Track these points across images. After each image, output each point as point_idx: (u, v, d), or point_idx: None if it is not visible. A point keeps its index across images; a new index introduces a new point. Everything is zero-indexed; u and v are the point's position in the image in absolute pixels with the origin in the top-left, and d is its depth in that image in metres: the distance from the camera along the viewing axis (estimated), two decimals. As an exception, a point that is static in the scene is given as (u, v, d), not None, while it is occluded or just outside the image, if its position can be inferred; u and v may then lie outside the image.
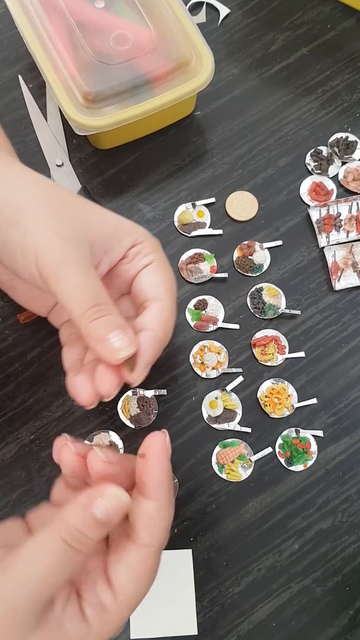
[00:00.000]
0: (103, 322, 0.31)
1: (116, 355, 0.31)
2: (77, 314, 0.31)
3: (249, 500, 0.44)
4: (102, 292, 0.32)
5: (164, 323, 0.34)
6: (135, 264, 0.35)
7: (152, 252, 0.35)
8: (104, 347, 0.31)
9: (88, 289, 0.31)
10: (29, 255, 0.32)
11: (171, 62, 0.45)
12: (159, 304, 0.34)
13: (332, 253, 0.49)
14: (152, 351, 0.33)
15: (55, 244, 0.31)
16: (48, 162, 0.50)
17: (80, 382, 0.34)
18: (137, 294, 0.36)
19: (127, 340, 0.31)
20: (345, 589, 0.43)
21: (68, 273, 0.31)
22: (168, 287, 0.35)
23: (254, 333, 0.47)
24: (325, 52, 0.55)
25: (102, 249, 0.34)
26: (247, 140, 0.52)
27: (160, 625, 0.41)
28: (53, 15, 0.45)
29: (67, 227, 0.32)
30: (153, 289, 0.35)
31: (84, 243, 0.32)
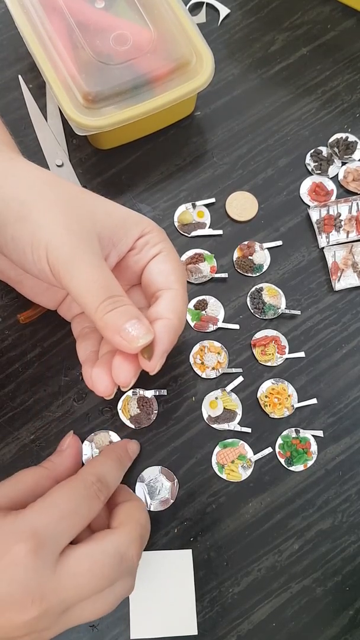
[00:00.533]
0: (118, 313, 0.31)
1: (135, 343, 0.31)
2: (91, 307, 0.31)
3: (249, 501, 0.44)
4: (115, 283, 0.32)
5: (178, 311, 0.34)
6: (144, 254, 0.36)
7: (160, 242, 0.36)
8: (122, 337, 0.31)
9: (100, 282, 0.32)
10: (39, 250, 0.32)
11: (171, 62, 0.45)
12: (172, 293, 0.35)
13: (332, 253, 0.49)
14: (168, 339, 0.33)
15: (65, 238, 0.31)
16: (48, 162, 0.50)
17: (98, 374, 0.34)
18: (148, 285, 0.36)
19: (144, 329, 0.32)
20: (345, 589, 0.43)
21: (80, 267, 0.31)
22: (179, 276, 0.35)
23: (254, 333, 0.47)
24: (325, 52, 0.55)
25: (111, 241, 0.34)
26: (247, 140, 0.52)
27: (160, 625, 0.41)
28: (53, 15, 0.45)
29: (76, 221, 0.32)
30: (164, 278, 0.35)
31: (93, 236, 0.33)
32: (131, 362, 0.33)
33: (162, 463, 0.44)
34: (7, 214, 0.32)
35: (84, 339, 0.38)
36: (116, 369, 0.33)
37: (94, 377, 0.35)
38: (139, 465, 0.44)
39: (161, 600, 0.41)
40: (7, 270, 0.40)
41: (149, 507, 0.43)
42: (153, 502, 0.43)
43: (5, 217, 0.32)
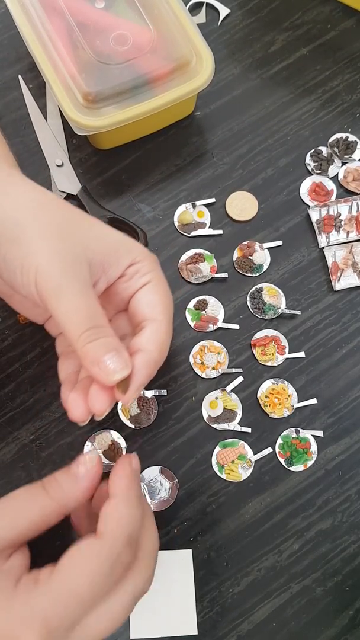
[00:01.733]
0: (99, 345, 0.31)
1: (111, 377, 0.32)
2: (73, 335, 0.32)
3: (249, 501, 0.44)
4: (99, 314, 0.32)
5: (159, 344, 0.34)
6: (133, 283, 0.35)
7: (150, 272, 0.35)
8: (99, 369, 0.32)
9: (85, 311, 0.32)
10: (29, 274, 0.32)
11: (171, 62, 0.45)
12: (156, 325, 0.35)
13: (332, 253, 0.49)
14: (146, 373, 0.33)
15: (55, 265, 0.32)
16: (48, 162, 0.50)
17: (74, 399, 0.34)
18: (134, 314, 0.36)
19: (122, 363, 0.32)
20: (345, 589, 0.43)
21: (66, 295, 0.31)
22: (165, 308, 0.35)
23: (254, 333, 0.47)
24: (325, 52, 0.55)
25: (101, 267, 0.34)
26: (247, 140, 0.52)
27: (160, 625, 0.41)
28: (53, 15, 0.45)
29: (67, 246, 0.32)
30: (150, 309, 0.35)
31: (83, 262, 0.33)
32: (107, 392, 0.33)
33: (162, 463, 0.44)
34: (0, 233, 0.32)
35: (66, 357, 0.38)
36: (92, 398, 0.33)
37: (70, 402, 0.34)
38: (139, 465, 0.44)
39: (161, 600, 0.41)
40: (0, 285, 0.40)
41: None
42: (153, 502, 0.43)
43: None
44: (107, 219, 0.48)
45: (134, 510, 0.32)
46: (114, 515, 0.31)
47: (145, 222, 0.49)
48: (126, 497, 0.32)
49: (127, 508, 0.32)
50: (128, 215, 0.49)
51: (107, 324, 0.33)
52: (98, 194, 0.50)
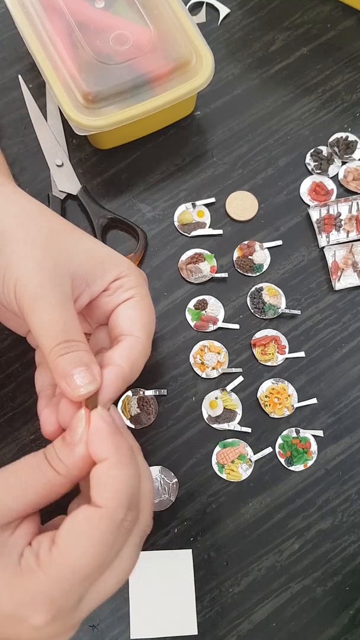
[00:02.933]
0: (69, 359, 0.31)
1: (77, 392, 0.31)
2: (46, 348, 0.31)
3: (249, 500, 0.44)
4: (74, 327, 0.32)
5: (132, 360, 0.34)
6: (116, 297, 0.35)
7: (134, 287, 0.35)
8: (67, 384, 0.31)
9: (60, 324, 0.31)
10: (9, 284, 0.32)
11: (171, 62, 0.45)
12: (131, 341, 0.34)
13: (332, 253, 0.49)
14: (114, 388, 0.33)
15: (35, 276, 0.31)
16: (48, 162, 0.50)
17: (46, 415, 0.34)
18: (113, 327, 0.35)
19: (89, 378, 0.31)
20: (345, 589, 0.43)
21: (43, 306, 0.31)
22: (145, 324, 0.35)
23: (254, 333, 0.47)
24: (325, 52, 0.55)
25: (85, 281, 0.34)
26: (247, 140, 0.52)
27: (160, 625, 0.41)
28: (53, 15, 0.45)
29: (51, 259, 0.32)
30: (129, 324, 0.35)
31: (65, 275, 0.32)
32: (76, 407, 0.32)
33: (162, 463, 0.44)
34: None
35: (43, 368, 0.38)
36: (61, 412, 0.33)
37: (43, 418, 0.34)
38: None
39: (161, 600, 0.41)
40: None
41: None
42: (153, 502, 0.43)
43: None
44: (107, 219, 0.48)
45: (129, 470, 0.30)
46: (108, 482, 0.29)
47: (145, 222, 0.49)
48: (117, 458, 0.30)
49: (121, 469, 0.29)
50: (128, 215, 0.49)
51: (82, 338, 0.32)
52: (98, 194, 0.50)
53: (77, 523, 0.29)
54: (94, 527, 0.28)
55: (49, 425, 0.34)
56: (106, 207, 0.49)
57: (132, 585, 0.42)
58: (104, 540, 0.28)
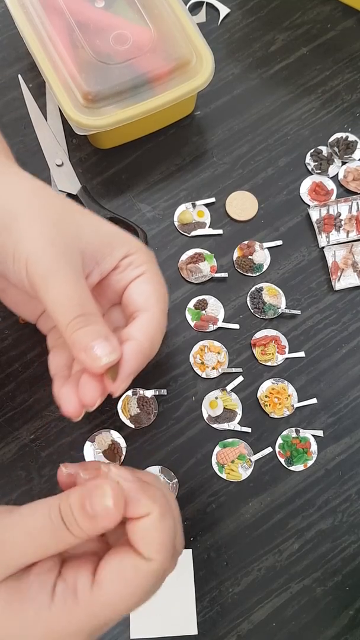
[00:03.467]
0: (87, 331, 0.31)
1: (98, 362, 0.31)
2: (62, 323, 0.31)
3: (249, 500, 0.44)
4: (89, 301, 0.32)
5: (150, 334, 0.34)
6: (127, 274, 0.35)
7: (144, 264, 0.35)
8: (87, 356, 0.31)
9: (74, 299, 0.31)
10: (20, 262, 0.32)
11: (171, 62, 0.45)
12: (148, 315, 0.34)
13: (332, 253, 0.49)
14: (135, 361, 0.32)
15: (46, 252, 0.31)
16: (48, 162, 0.50)
17: (66, 394, 0.34)
18: (127, 305, 0.35)
19: (109, 348, 0.31)
20: (345, 589, 0.43)
21: (56, 282, 0.31)
22: (159, 299, 0.35)
23: (254, 333, 0.47)
24: (325, 52, 0.55)
25: (94, 259, 0.34)
26: (247, 140, 0.52)
27: (160, 625, 0.41)
28: (53, 15, 0.45)
29: (60, 235, 0.32)
30: (143, 299, 0.35)
31: (76, 252, 0.32)
32: (98, 381, 0.32)
33: (162, 463, 0.44)
34: None
35: (57, 350, 0.38)
36: (82, 388, 0.32)
37: (62, 397, 0.34)
38: (139, 465, 0.44)
39: (161, 600, 0.41)
40: None
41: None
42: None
43: None
44: (107, 219, 0.48)
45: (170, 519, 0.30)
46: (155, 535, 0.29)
47: (145, 222, 0.49)
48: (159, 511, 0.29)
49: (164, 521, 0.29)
50: (128, 215, 0.49)
51: (97, 311, 0.32)
52: (98, 194, 0.50)
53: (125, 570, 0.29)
54: (141, 577, 0.28)
55: (70, 403, 0.33)
56: (106, 206, 0.49)
57: (132, 585, 0.42)
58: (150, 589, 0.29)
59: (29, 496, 0.43)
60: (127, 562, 0.29)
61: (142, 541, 0.29)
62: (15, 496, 0.43)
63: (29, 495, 0.43)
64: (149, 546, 0.29)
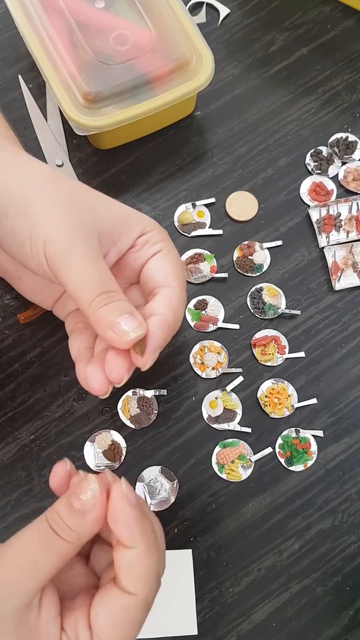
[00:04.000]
0: (111, 308, 0.31)
1: (126, 337, 0.31)
2: (85, 302, 0.31)
3: (249, 500, 0.44)
4: (110, 279, 0.32)
5: (173, 308, 0.34)
6: (144, 252, 0.35)
7: (161, 241, 0.36)
8: (114, 331, 0.31)
9: (95, 277, 0.31)
10: (38, 244, 0.32)
11: (171, 62, 0.45)
12: (169, 290, 0.34)
13: (332, 253, 0.49)
14: (161, 335, 0.33)
15: (63, 233, 0.31)
16: (48, 162, 0.50)
17: (92, 372, 0.33)
18: (146, 282, 0.36)
19: (135, 323, 0.31)
20: (345, 589, 0.43)
21: (75, 261, 0.31)
22: (178, 274, 0.35)
23: (254, 333, 0.47)
24: (325, 52, 0.55)
25: (111, 238, 0.34)
26: (247, 140, 0.52)
27: (160, 625, 0.41)
28: (53, 15, 0.45)
29: (76, 216, 0.32)
30: (162, 276, 0.35)
31: (92, 232, 0.33)
32: (124, 357, 0.32)
33: (162, 463, 0.44)
34: (8, 206, 0.32)
35: (77, 334, 0.38)
36: (109, 364, 0.32)
37: (89, 375, 0.34)
38: (139, 465, 0.44)
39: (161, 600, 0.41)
40: (7, 265, 0.40)
41: (149, 507, 0.43)
42: (153, 502, 0.43)
43: (6, 209, 0.32)
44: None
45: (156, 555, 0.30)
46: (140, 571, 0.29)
47: (145, 222, 0.49)
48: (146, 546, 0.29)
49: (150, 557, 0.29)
50: (128, 215, 0.49)
51: (119, 288, 0.32)
52: (98, 194, 0.50)
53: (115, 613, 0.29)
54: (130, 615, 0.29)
55: (97, 381, 0.33)
56: (106, 207, 0.49)
57: (132, 586, 0.42)
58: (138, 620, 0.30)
59: (29, 496, 0.43)
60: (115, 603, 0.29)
61: (128, 577, 0.29)
62: (15, 496, 0.43)
63: (29, 496, 0.43)
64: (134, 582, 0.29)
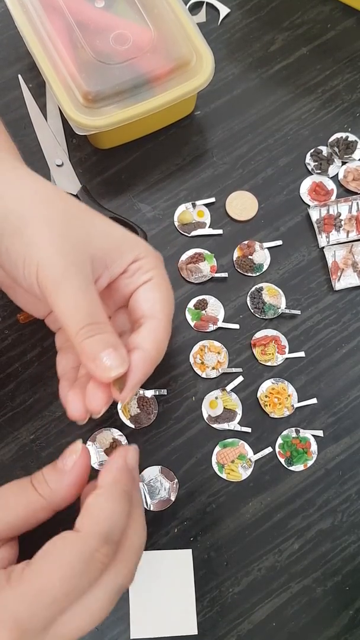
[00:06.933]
0: (96, 341, 0.31)
1: (107, 374, 0.31)
2: (72, 331, 0.32)
3: (249, 500, 0.44)
4: (99, 309, 0.32)
5: (157, 343, 0.34)
6: (135, 279, 0.35)
7: (153, 269, 0.35)
8: (96, 366, 0.31)
9: (84, 307, 0.32)
10: (31, 267, 0.32)
11: (171, 62, 0.45)
12: (154, 323, 0.34)
13: (332, 253, 0.49)
14: (142, 371, 0.33)
15: (56, 259, 0.32)
16: (48, 162, 0.50)
17: (73, 398, 0.34)
18: (133, 310, 0.36)
19: (118, 360, 0.32)
20: (345, 589, 0.43)
21: (67, 289, 0.31)
22: (165, 306, 0.35)
23: (254, 333, 0.47)
24: (325, 52, 0.55)
25: (104, 263, 0.34)
26: (247, 140, 0.52)
27: (160, 625, 0.41)
28: (53, 15, 0.45)
29: (70, 241, 0.32)
30: (150, 306, 0.35)
31: (86, 258, 0.33)
32: (104, 390, 0.33)
33: (162, 463, 0.44)
34: (4, 225, 0.32)
35: (65, 352, 0.38)
36: (89, 396, 0.33)
37: (69, 400, 0.34)
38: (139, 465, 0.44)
39: (161, 600, 0.41)
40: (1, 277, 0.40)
41: (149, 507, 0.43)
42: (153, 502, 0.43)
43: (3, 228, 0.32)
44: (107, 219, 0.48)
45: (117, 505, 0.31)
46: (93, 510, 0.30)
47: (145, 222, 0.49)
48: (110, 490, 0.31)
49: (109, 502, 0.30)
50: (128, 215, 0.49)
51: (107, 320, 0.33)
52: (98, 194, 0.50)
53: (53, 545, 0.29)
54: (66, 549, 0.29)
55: (76, 409, 0.34)
56: (106, 207, 0.49)
57: (132, 585, 0.41)
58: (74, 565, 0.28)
59: (29, 496, 0.43)
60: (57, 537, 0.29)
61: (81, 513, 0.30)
62: (15, 496, 0.43)
63: (29, 495, 0.43)
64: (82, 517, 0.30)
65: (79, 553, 0.29)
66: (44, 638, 0.28)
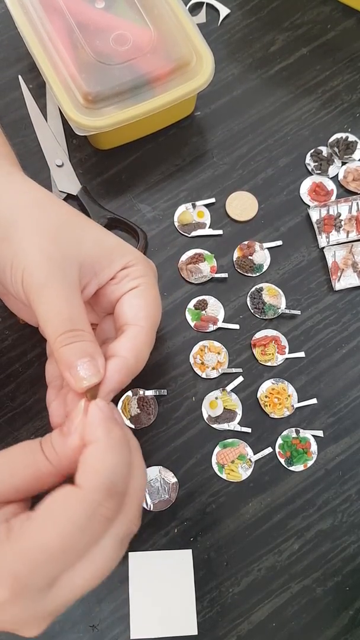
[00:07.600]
0: (73, 349, 0.31)
1: (79, 384, 0.31)
2: (51, 337, 0.31)
3: (249, 500, 0.44)
4: (81, 316, 0.32)
5: (136, 351, 0.33)
6: (121, 286, 0.35)
7: (141, 277, 0.35)
8: (70, 375, 0.31)
9: (65, 314, 0.31)
10: (17, 273, 0.32)
11: (171, 62, 0.45)
12: (136, 330, 0.34)
13: (332, 253, 0.49)
14: (117, 379, 0.33)
15: (42, 265, 0.32)
16: (48, 162, 0.50)
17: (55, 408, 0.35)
18: (117, 316, 0.35)
19: (92, 370, 0.31)
20: (345, 589, 0.43)
21: (49, 295, 0.31)
22: (149, 314, 0.34)
23: (254, 333, 0.47)
24: (325, 52, 0.55)
25: (92, 270, 0.34)
26: (247, 140, 0.52)
27: (160, 625, 0.41)
28: (53, 16, 0.45)
29: (58, 248, 0.32)
30: (133, 313, 0.34)
31: (73, 265, 0.33)
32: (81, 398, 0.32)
33: (162, 463, 0.44)
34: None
35: (53, 358, 0.38)
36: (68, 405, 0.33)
37: (52, 410, 0.35)
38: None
39: (161, 600, 0.41)
40: None
41: (149, 507, 0.43)
42: (153, 502, 0.43)
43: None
44: (107, 219, 0.48)
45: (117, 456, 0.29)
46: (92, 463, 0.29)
47: (145, 222, 0.49)
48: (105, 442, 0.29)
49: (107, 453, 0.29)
50: (128, 216, 0.49)
51: (88, 327, 0.32)
52: (98, 194, 0.50)
53: (54, 500, 0.28)
54: (68, 505, 0.28)
55: (57, 417, 0.34)
56: (106, 207, 0.49)
57: (132, 585, 0.42)
58: (76, 520, 0.27)
59: (29, 496, 0.43)
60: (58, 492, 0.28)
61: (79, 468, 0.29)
62: (15, 496, 0.43)
63: (29, 496, 0.43)
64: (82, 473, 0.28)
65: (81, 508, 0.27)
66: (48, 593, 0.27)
